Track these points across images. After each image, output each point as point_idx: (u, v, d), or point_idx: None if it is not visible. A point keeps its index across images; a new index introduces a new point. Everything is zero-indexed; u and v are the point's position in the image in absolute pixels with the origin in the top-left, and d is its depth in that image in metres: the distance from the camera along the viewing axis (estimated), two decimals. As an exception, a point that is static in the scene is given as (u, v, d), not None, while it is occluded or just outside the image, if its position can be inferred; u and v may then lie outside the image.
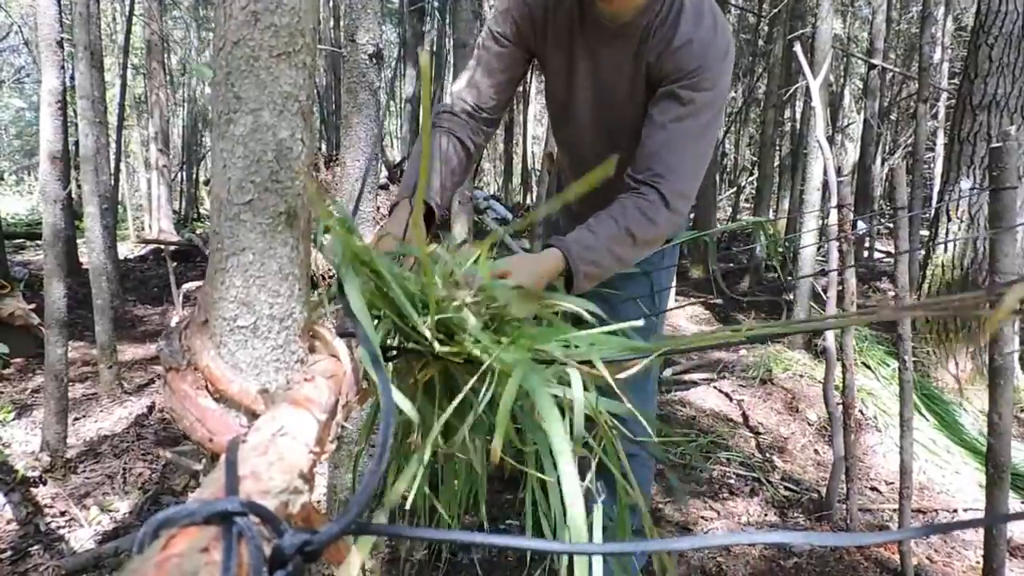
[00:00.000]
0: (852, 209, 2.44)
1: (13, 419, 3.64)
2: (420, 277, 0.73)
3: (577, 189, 0.48)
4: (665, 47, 1.29)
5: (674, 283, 6.97)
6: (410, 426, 0.85)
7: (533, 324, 0.83)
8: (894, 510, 2.69)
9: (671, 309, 3.50)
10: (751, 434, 3.73)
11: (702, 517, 2.75)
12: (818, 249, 6.54)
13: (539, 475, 0.72)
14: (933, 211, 4.98)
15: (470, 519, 2.09)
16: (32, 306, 4.64)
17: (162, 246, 9.35)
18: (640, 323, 0.84)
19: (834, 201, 2.60)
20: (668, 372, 4.81)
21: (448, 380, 0.82)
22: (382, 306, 0.72)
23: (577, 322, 0.85)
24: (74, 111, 5.46)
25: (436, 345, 0.70)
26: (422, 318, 0.70)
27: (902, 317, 2.02)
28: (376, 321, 0.73)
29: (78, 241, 8.55)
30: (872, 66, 10.63)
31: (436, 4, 11.74)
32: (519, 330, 0.75)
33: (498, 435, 0.56)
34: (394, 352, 0.76)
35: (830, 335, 2.78)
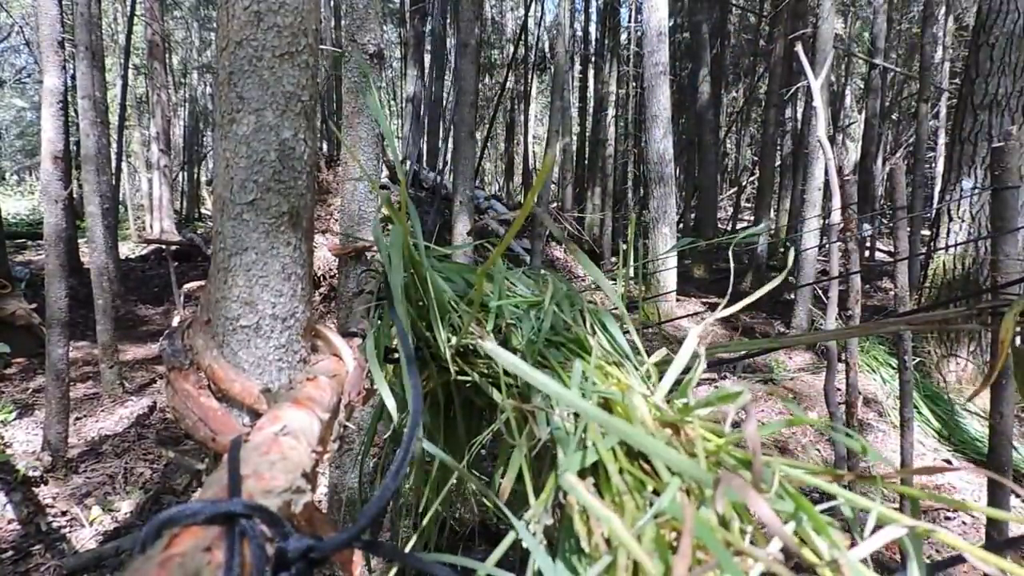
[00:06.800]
0: (857, 210, 2.44)
1: (14, 419, 3.65)
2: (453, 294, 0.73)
3: None
4: None
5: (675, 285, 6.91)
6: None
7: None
8: (896, 509, 2.69)
9: (679, 318, 3.52)
10: (752, 434, 3.73)
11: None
12: (819, 249, 6.54)
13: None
14: (934, 211, 4.99)
15: (468, 515, 2.09)
16: (34, 306, 4.65)
17: (163, 246, 9.35)
18: None
19: (835, 201, 2.59)
20: (669, 372, 4.81)
21: (450, 393, 0.81)
22: (410, 311, 0.72)
23: None
24: (75, 111, 5.47)
25: (451, 365, 0.69)
26: (446, 334, 0.69)
27: (890, 332, 2.02)
28: (392, 323, 0.72)
29: (80, 241, 8.55)
30: (873, 66, 10.63)
31: (437, 4, 11.75)
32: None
33: (508, 479, 0.54)
34: (397, 355, 0.76)
35: (831, 335, 2.78)
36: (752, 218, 13.04)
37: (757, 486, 0.37)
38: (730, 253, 0.88)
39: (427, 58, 12.70)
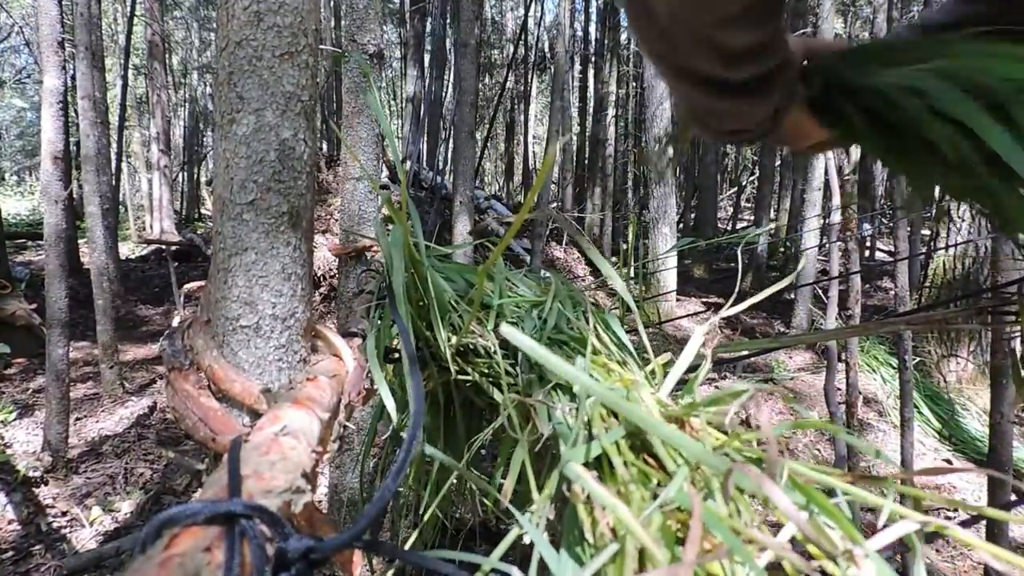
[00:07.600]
0: (857, 210, 2.45)
1: (15, 419, 3.65)
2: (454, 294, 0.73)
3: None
4: None
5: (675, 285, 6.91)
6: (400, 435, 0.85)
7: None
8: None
9: (679, 318, 3.52)
10: (752, 434, 3.73)
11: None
12: (819, 249, 6.54)
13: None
14: (934, 210, 4.98)
15: (468, 516, 2.09)
16: (34, 306, 4.65)
17: (163, 246, 9.35)
18: None
19: (835, 201, 2.60)
20: (669, 372, 4.81)
21: (450, 393, 0.81)
22: (410, 311, 0.72)
23: None
24: (75, 111, 5.47)
25: (452, 365, 0.69)
26: (446, 334, 0.69)
27: (890, 332, 2.02)
28: (392, 323, 0.72)
29: (80, 241, 8.55)
30: (873, 66, 10.60)
31: (437, 4, 11.75)
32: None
33: (511, 477, 0.54)
34: (396, 355, 0.76)
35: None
36: (752, 218, 13.03)
37: (770, 473, 0.37)
38: (738, 252, 0.88)
39: (427, 58, 12.69)
